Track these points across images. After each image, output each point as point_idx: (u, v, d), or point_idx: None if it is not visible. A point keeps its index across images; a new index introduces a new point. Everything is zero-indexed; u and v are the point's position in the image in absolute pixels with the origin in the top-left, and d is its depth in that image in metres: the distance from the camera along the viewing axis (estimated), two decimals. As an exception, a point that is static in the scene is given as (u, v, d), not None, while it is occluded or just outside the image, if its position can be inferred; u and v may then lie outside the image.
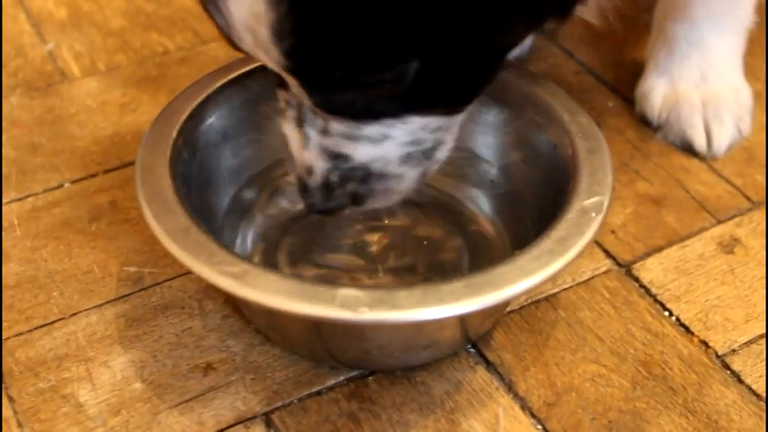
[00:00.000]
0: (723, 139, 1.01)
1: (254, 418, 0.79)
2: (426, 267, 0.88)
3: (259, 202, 0.92)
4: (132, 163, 0.82)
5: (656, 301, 0.88)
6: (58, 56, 1.14)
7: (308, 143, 0.76)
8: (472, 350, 0.84)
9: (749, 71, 1.11)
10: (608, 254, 0.92)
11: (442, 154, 0.79)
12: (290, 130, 0.77)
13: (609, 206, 0.79)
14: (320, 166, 0.76)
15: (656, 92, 1.04)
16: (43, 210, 0.95)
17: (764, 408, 0.80)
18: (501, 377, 0.82)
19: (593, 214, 0.77)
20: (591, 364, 0.83)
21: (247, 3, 0.65)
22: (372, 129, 0.74)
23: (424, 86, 0.71)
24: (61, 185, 0.98)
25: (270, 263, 0.88)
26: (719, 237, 0.94)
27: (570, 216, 0.77)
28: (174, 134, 0.84)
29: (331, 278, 0.87)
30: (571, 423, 0.79)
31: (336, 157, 0.75)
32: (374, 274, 0.87)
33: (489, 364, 0.83)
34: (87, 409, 0.79)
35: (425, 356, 0.82)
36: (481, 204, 0.92)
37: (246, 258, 0.79)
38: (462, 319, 0.79)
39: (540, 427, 0.79)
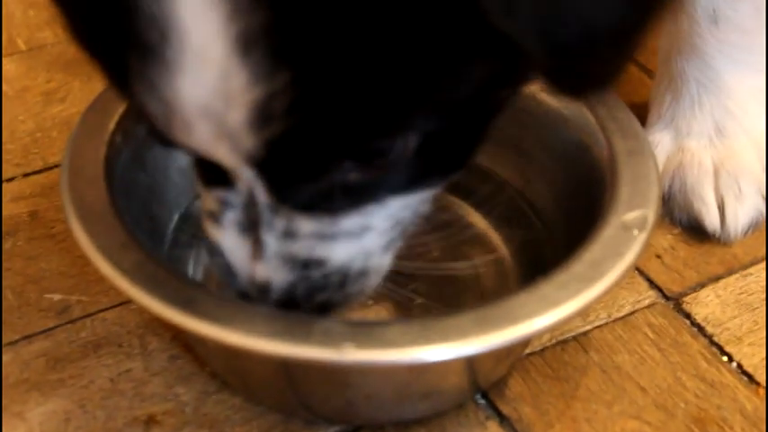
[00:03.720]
0: (741, 218, 0.94)
1: (207, 485, 0.79)
2: (427, 297, 0.87)
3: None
4: (58, 165, 0.82)
5: (711, 342, 0.88)
6: (-31, 32, 1.14)
7: (263, 252, 0.72)
8: (482, 401, 0.83)
9: None
10: (652, 283, 0.92)
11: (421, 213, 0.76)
12: (229, 238, 0.72)
13: (654, 222, 0.78)
14: (281, 278, 0.72)
15: (659, 150, 0.97)
16: (-55, 223, 0.95)
17: None
18: (518, 436, 0.82)
19: (636, 232, 0.77)
20: (631, 421, 0.82)
21: (212, 80, 0.59)
22: (352, 221, 0.71)
23: (424, 156, 0.69)
24: (-32, 192, 0.98)
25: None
26: (790, 264, 0.94)
27: (606, 234, 0.76)
28: (112, 127, 0.83)
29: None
30: (606, 494, 0.79)
31: (306, 266, 0.72)
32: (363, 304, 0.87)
33: (504, 420, 0.82)
34: (-3, 472, 0.79)
35: (424, 409, 0.81)
36: (493, 223, 0.92)
37: (199, 284, 0.78)
38: (470, 362, 0.78)
39: (566, 498, 0.79)
